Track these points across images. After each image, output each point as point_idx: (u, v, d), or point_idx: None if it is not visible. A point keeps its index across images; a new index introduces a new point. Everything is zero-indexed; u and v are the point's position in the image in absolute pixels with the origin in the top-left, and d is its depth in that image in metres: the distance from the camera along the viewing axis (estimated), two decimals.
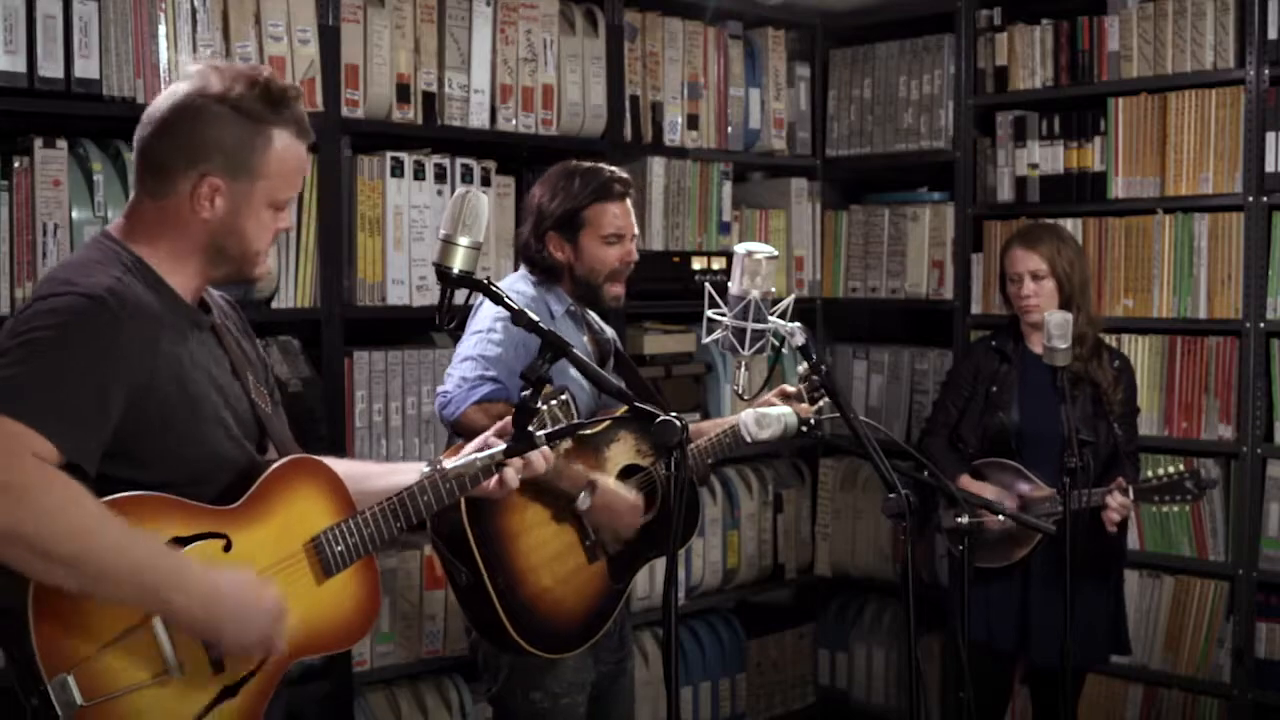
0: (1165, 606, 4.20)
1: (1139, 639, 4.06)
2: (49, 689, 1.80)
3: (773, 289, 2.57)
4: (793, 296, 2.62)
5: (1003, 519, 3.50)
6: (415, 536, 3.44)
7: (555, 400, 2.30)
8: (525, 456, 2.30)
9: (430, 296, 3.66)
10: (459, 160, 3.76)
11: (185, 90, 2.03)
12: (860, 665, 4.87)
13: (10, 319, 1.95)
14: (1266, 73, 3.96)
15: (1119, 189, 4.26)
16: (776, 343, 2.56)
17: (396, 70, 3.62)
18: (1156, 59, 4.17)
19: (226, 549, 1.99)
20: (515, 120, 3.89)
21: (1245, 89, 3.99)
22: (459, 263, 2.21)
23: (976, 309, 4.57)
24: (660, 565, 3.56)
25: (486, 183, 3.84)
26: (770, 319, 2.54)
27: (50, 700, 1.81)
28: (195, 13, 3.22)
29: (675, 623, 2.18)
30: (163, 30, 3.17)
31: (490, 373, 2.88)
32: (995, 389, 3.73)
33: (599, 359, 3.14)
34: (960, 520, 2.74)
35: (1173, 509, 4.00)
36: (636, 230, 3.13)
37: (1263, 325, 3.99)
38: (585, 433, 2.89)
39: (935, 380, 4.58)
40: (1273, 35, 3.94)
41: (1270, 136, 3.94)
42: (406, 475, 2.26)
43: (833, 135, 4.94)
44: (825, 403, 3.09)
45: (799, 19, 4.86)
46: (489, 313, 2.93)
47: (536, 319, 2.24)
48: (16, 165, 2.98)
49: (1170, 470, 3.50)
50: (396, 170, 3.63)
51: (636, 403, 2.23)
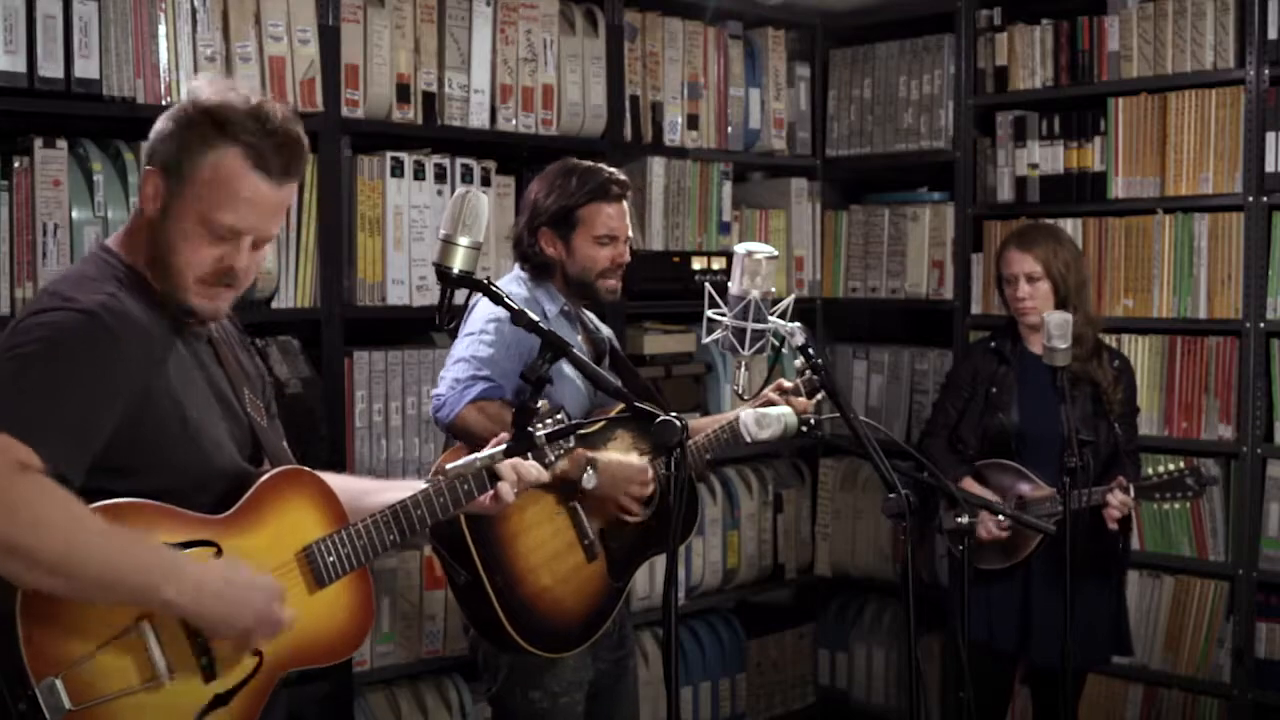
0: (1165, 606, 4.20)
1: (1139, 639, 4.05)
2: (37, 693, 1.79)
3: (773, 289, 2.57)
4: (793, 296, 2.62)
5: (993, 529, 3.51)
6: (416, 537, 3.43)
7: (550, 419, 2.32)
8: (519, 471, 2.30)
9: (430, 296, 3.66)
10: (459, 160, 3.76)
11: (183, 100, 2.04)
12: (860, 665, 4.87)
13: (7, 329, 1.95)
14: (1266, 73, 3.96)
15: (1119, 189, 4.26)
16: (776, 343, 2.56)
17: (396, 70, 3.62)
18: (1156, 59, 4.17)
19: (217, 557, 1.98)
20: (515, 120, 3.89)
21: (1245, 89, 3.99)
22: (459, 263, 2.21)
23: (976, 309, 4.57)
24: (660, 564, 3.56)
25: (486, 183, 3.84)
26: (770, 319, 2.54)
27: (38, 704, 1.80)
28: (195, 13, 3.22)
29: (675, 623, 2.18)
30: (163, 30, 3.17)
31: (483, 372, 2.88)
32: (994, 390, 3.73)
33: (594, 358, 3.13)
34: (960, 520, 2.74)
35: (1173, 506, 3.99)
36: (631, 232, 3.13)
37: (1263, 325, 3.99)
38: (581, 432, 2.89)
39: (935, 380, 4.58)
40: (1273, 35, 3.94)
41: (1270, 136, 3.94)
42: (402, 492, 2.26)
43: (833, 135, 4.94)
44: (822, 397, 3.10)
45: (799, 19, 4.86)
46: (481, 314, 2.93)
47: (536, 319, 2.24)
48: (16, 165, 2.98)
49: (1170, 467, 3.50)
50: (396, 170, 3.63)
51: (636, 402, 2.23)
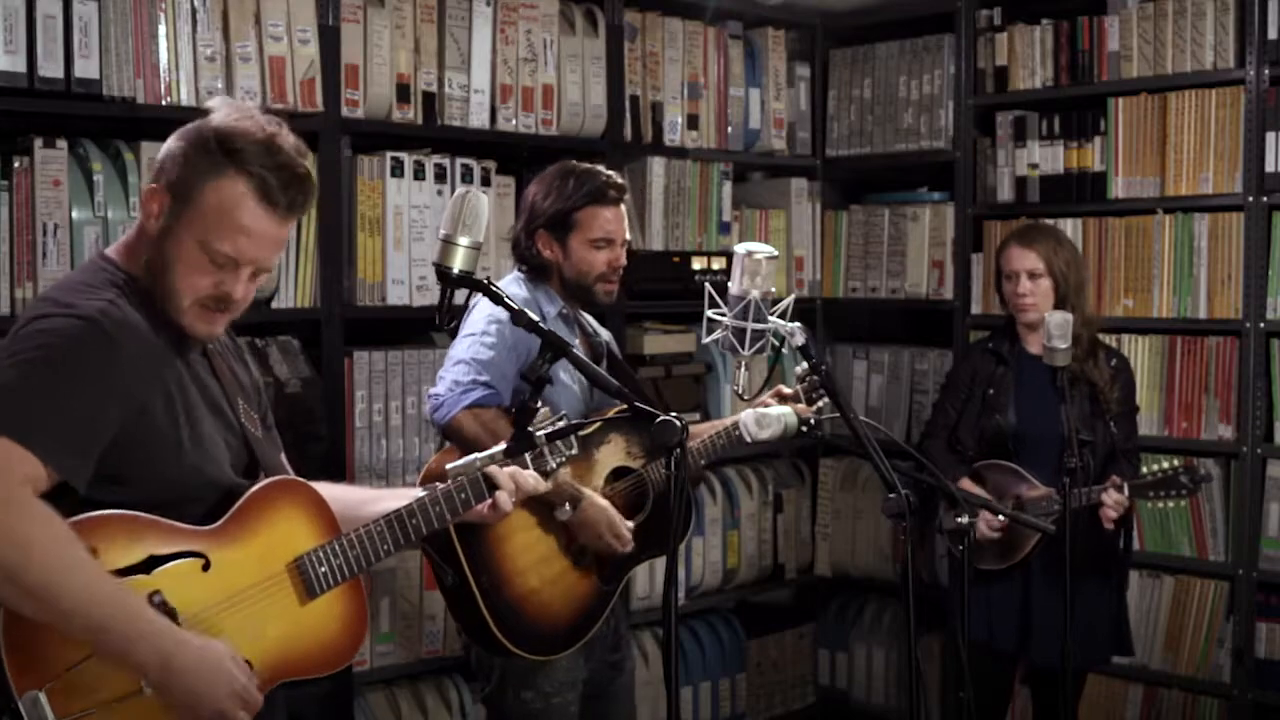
0: (1165, 606, 4.20)
1: (1139, 639, 4.05)
2: (20, 706, 1.79)
3: (773, 289, 2.57)
4: (793, 296, 2.61)
5: (984, 529, 3.51)
6: (409, 547, 3.43)
7: (550, 423, 2.32)
8: (517, 480, 2.30)
9: (430, 296, 3.66)
10: (459, 160, 3.76)
11: (201, 119, 2.03)
12: (860, 665, 4.86)
13: (7, 336, 1.95)
14: (1266, 73, 3.96)
15: (1119, 189, 4.26)
16: (776, 343, 2.56)
17: (396, 70, 3.62)
18: (1156, 59, 4.17)
19: (205, 568, 1.98)
20: (515, 120, 3.89)
21: (1245, 89, 3.99)
22: (459, 263, 2.22)
23: (976, 309, 4.57)
24: (660, 565, 3.56)
25: (486, 183, 3.84)
26: (770, 319, 2.53)
27: (21, 718, 1.79)
28: (195, 13, 3.22)
29: (675, 623, 2.18)
30: (163, 30, 3.17)
31: (483, 377, 2.87)
32: (992, 391, 3.72)
33: (591, 360, 3.13)
34: (960, 520, 2.74)
35: (1169, 504, 3.99)
36: (628, 236, 3.13)
37: (1263, 325, 3.99)
38: (580, 434, 2.88)
39: (935, 380, 4.58)
40: (1273, 35, 3.94)
41: (1270, 136, 3.94)
42: (398, 501, 2.25)
43: (833, 135, 4.94)
44: (825, 403, 3.09)
45: (799, 19, 4.86)
46: (482, 315, 2.92)
47: (537, 319, 2.24)
48: (16, 165, 2.98)
49: (1165, 465, 3.50)
50: (396, 170, 3.63)
51: (636, 403, 2.23)
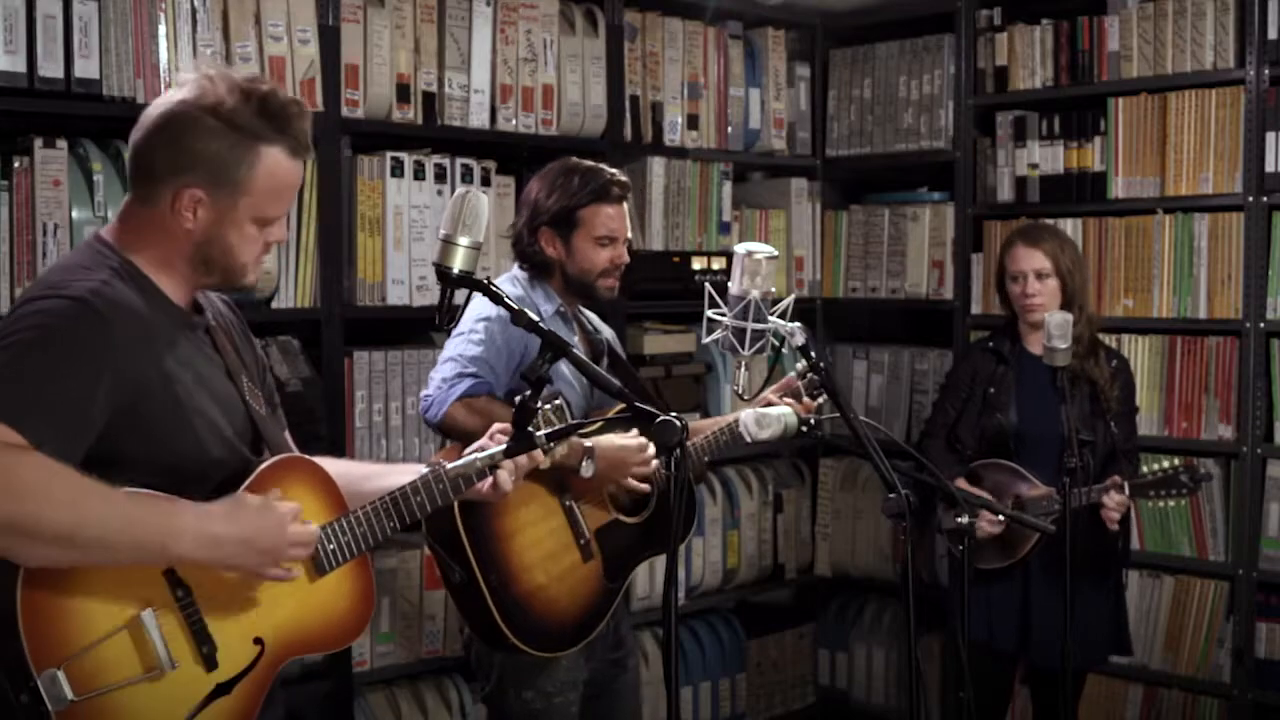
0: (1165, 606, 4.20)
1: (1139, 639, 4.06)
2: (39, 684, 1.80)
3: (773, 289, 2.57)
4: (793, 296, 2.62)
5: (985, 526, 3.51)
6: (414, 536, 3.44)
7: (549, 405, 2.31)
8: (517, 460, 2.30)
9: (430, 296, 3.66)
10: (459, 160, 3.76)
11: (179, 98, 2.01)
12: (860, 665, 4.87)
13: (2, 319, 1.95)
14: (1266, 73, 3.96)
15: (1119, 189, 4.26)
16: (776, 343, 2.56)
17: (396, 70, 3.62)
18: (1156, 59, 4.17)
19: None
20: (515, 120, 3.89)
21: (1245, 89, 3.99)
22: (459, 263, 2.22)
23: (976, 309, 4.57)
24: (660, 564, 3.56)
25: (486, 183, 3.84)
26: (770, 319, 2.54)
27: (40, 695, 1.80)
28: (195, 13, 3.22)
29: (675, 623, 2.18)
30: (163, 30, 3.17)
31: (469, 369, 2.87)
32: (992, 390, 3.72)
33: (592, 359, 3.12)
34: (960, 520, 2.74)
35: (1169, 504, 4.00)
36: (630, 234, 3.13)
37: (1263, 325, 3.99)
38: (580, 434, 2.88)
39: (935, 380, 4.58)
40: (1273, 35, 3.94)
41: (1270, 136, 3.94)
42: (402, 477, 2.25)
43: (833, 135, 4.94)
44: (824, 400, 3.09)
45: (799, 19, 4.86)
46: (471, 314, 2.92)
47: (536, 319, 2.24)
48: (16, 165, 2.98)
49: (1165, 465, 3.50)
50: (396, 170, 3.63)
51: (637, 403, 2.23)
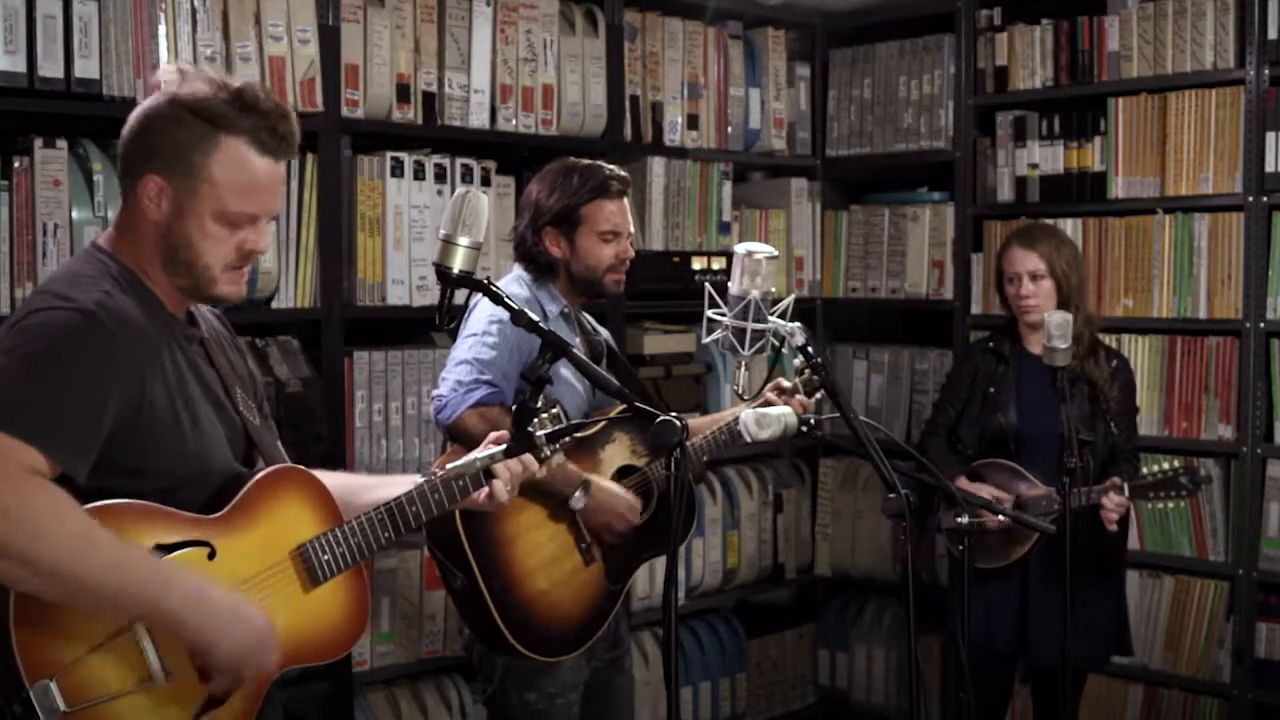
0: (1165, 606, 4.20)
1: (1139, 639, 4.05)
2: (31, 695, 1.79)
3: (773, 289, 2.57)
4: (793, 296, 2.62)
5: (1001, 518, 3.51)
6: (415, 536, 3.44)
7: (547, 414, 2.32)
8: (512, 469, 2.30)
9: (430, 296, 3.66)
10: (459, 160, 3.76)
11: (154, 95, 2.02)
12: (860, 665, 4.87)
13: (4, 329, 1.95)
14: (1266, 73, 3.96)
15: (1119, 189, 4.26)
16: (776, 343, 2.56)
17: (396, 70, 3.62)
18: (1156, 59, 4.17)
19: (210, 557, 1.98)
20: (515, 120, 3.89)
21: (1245, 89, 3.99)
22: (459, 263, 2.21)
23: (976, 309, 4.57)
24: (660, 565, 3.56)
25: (486, 183, 3.84)
26: (770, 319, 2.53)
27: (33, 706, 1.79)
28: (195, 13, 3.22)
29: (675, 623, 2.18)
30: (163, 30, 3.17)
31: (485, 376, 2.87)
32: (993, 390, 3.73)
33: (591, 359, 3.12)
34: (960, 520, 2.74)
35: (1169, 505, 4.00)
36: (633, 229, 3.13)
37: (1263, 325, 3.99)
38: (580, 434, 2.88)
39: (935, 380, 4.58)
40: (1273, 35, 3.94)
41: (1270, 136, 3.94)
42: (398, 488, 2.25)
43: (833, 135, 4.94)
44: (822, 396, 3.10)
45: (799, 19, 4.86)
46: (483, 315, 2.92)
47: (537, 319, 2.24)
48: (16, 165, 2.98)
49: (1165, 466, 3.50)
50: (396, 170, 3.63)
51: (636, 403, 2.23)
